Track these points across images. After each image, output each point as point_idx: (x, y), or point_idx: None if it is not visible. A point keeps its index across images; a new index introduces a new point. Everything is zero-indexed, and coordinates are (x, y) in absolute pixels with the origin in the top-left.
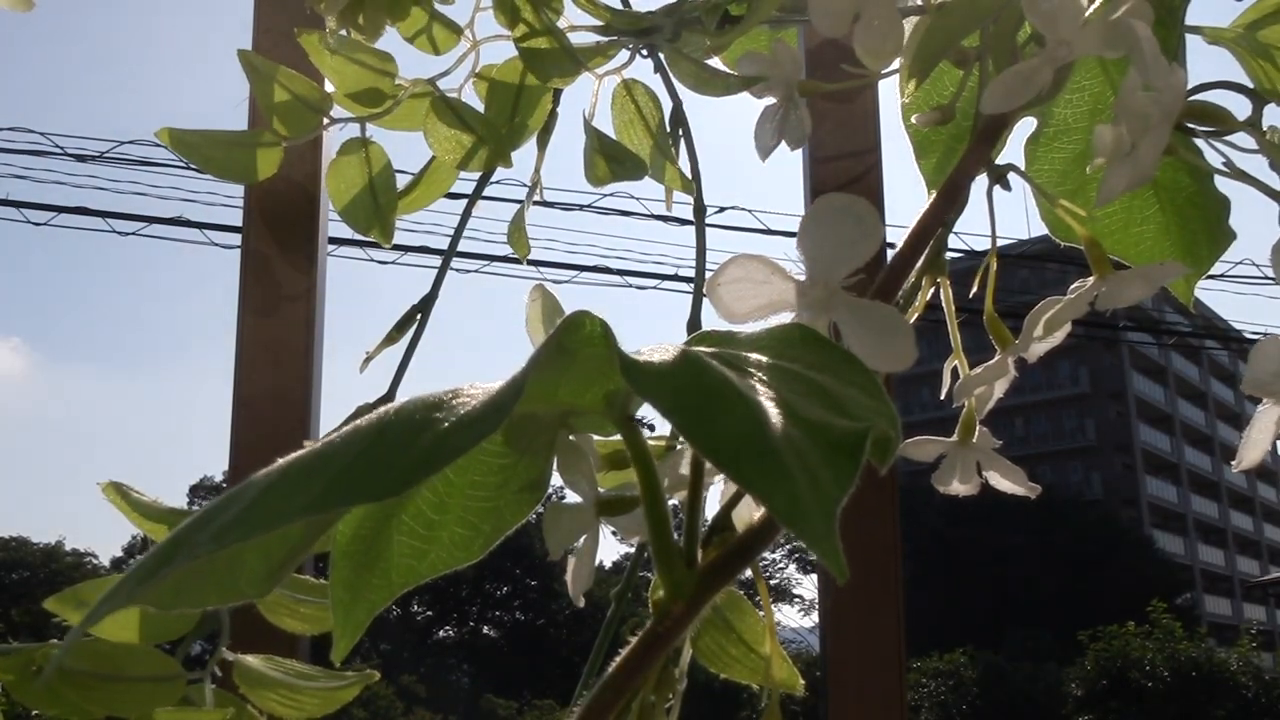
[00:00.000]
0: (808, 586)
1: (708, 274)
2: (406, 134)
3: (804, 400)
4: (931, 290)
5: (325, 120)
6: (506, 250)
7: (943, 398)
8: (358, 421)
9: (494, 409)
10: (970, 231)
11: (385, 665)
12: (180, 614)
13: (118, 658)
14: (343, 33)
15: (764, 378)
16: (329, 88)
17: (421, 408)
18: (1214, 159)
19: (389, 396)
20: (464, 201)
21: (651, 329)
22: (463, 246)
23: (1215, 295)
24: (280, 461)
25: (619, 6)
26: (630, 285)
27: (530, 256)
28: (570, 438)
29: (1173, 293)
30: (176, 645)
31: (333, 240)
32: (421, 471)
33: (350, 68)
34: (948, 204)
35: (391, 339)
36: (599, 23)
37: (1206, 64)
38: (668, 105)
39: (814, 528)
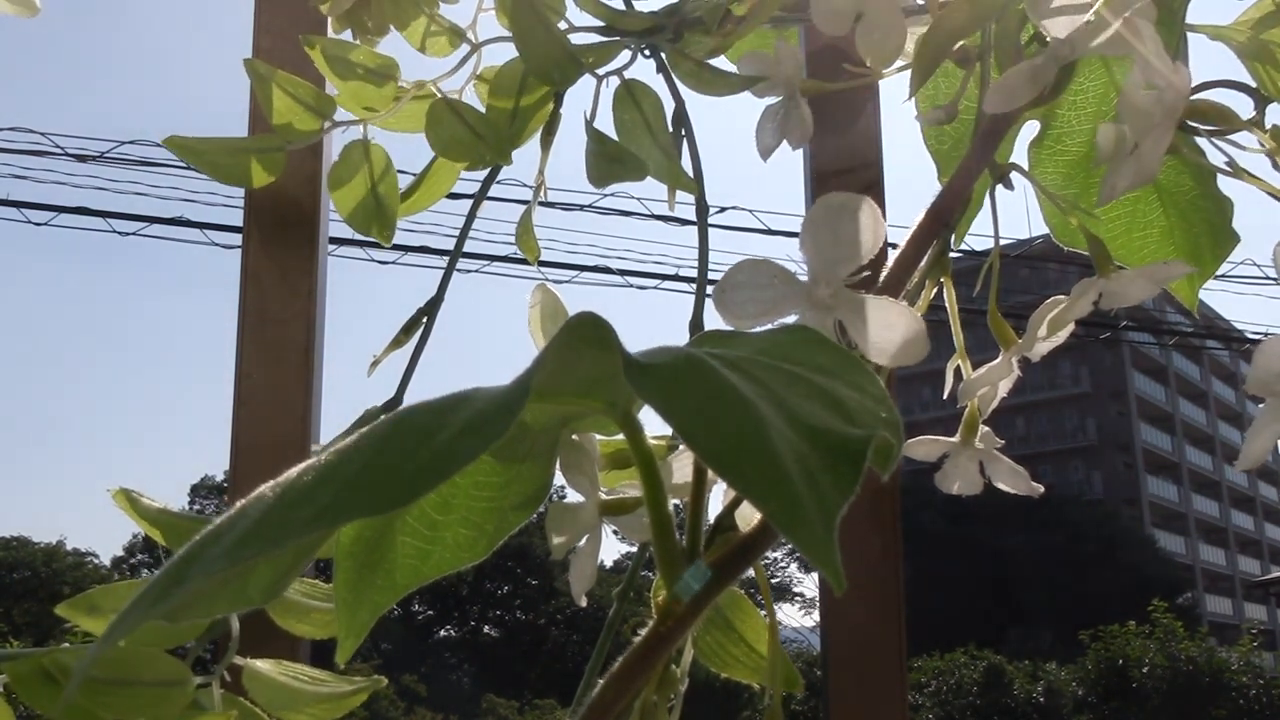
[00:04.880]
0: (809, 585)
1: (710, 274)
2: (408, 135)
3: (807, 403)
4: (935, 290)
5: (327, 123)
6: (507, 250)
7: (945, 398)
8: (364, 429)
9: (501, 412)
10: (972, 231)
11: (386, 665)
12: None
13: (127, 662)
14: (346, 34)
15: (767, 381)
16: (330, 89)
17: (427, 414)
18: (1216, 158)
19: (397, 399)
20: (465, 202)
21: (652, 329)
22: (464, 246)
23: (1216, 295)
24: (288, 472)
25: (620, 7)
26: (631, 285)
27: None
28: (574, 437)
29: (1176, 297)
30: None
31: (333, 240)
32: (429, 480)
33: (352, 70)
34: (951, 204)
35: (399, 342)
36: (600, 23)
37: (1209, 63)
38: (669, 105)
39: (813, 536)
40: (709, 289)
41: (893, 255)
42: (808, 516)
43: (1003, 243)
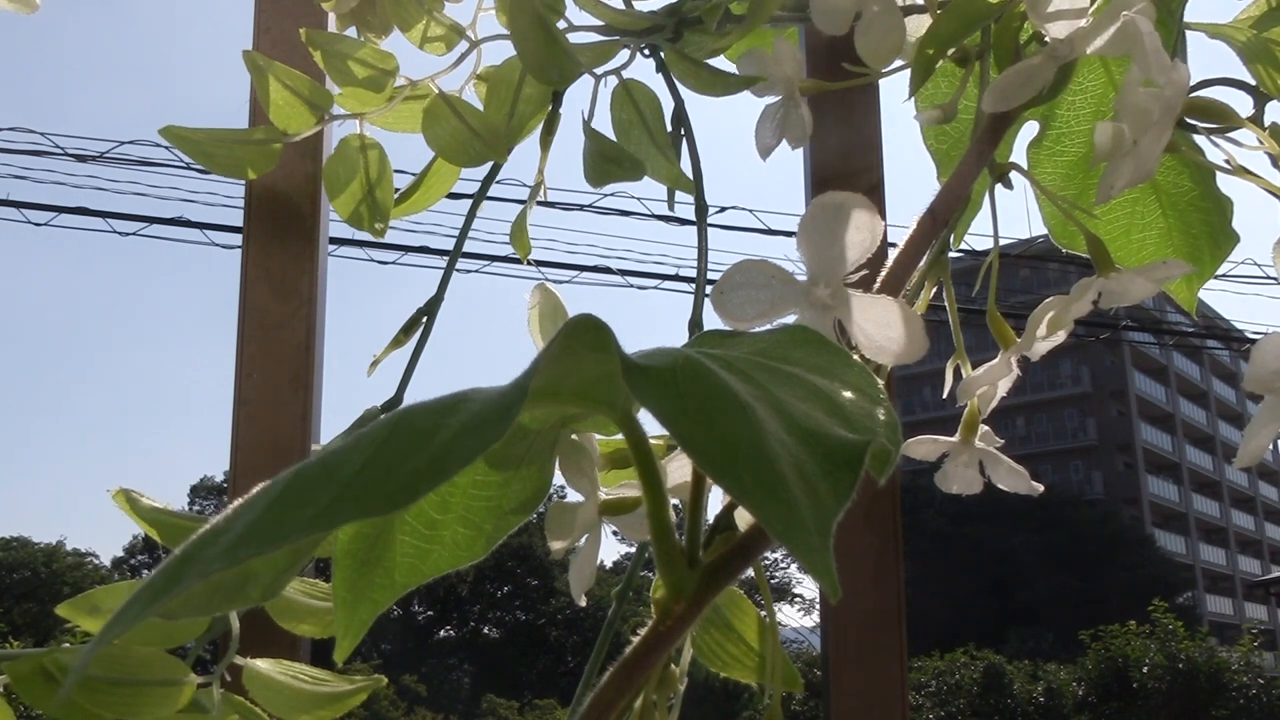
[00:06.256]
0: (809, 586)
1: (709, 274)
2: (407, 136)
3: (805, 406)
4: (934, 290)
5: (325, 117)
6: (506, 250)
7: (945, 397)
8: (362, 430)
9: (499, 414)
10: (972, 231)
11: (386, 665)
12: (190, 619)
13: (127, 662)
14: (348, 31)
15: (765, 382)
16: (331, 85)
17: (425, 414)
18: (1216, 157)
19: (396, 399)
20: (464, 202)
21: (652, 329)
22: (463, 246)
23: (1217, 295)
24: (286, 472)
25: (620, 6)
26: (631, 285)
27: (531, 256)
28: (574, 438)
29: (1175, 299)
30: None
31: (333, 240)
32: (428, 481)
33: (351, 66)
34: (949, 204)
35: (399, 341)
36: (600, 22)
37: (1209, 62)
38: (669, 105)
39: (808, 544)
40: (709, 289)
41: (892, 255)
42: (803, 523)
43: (1003, 243)
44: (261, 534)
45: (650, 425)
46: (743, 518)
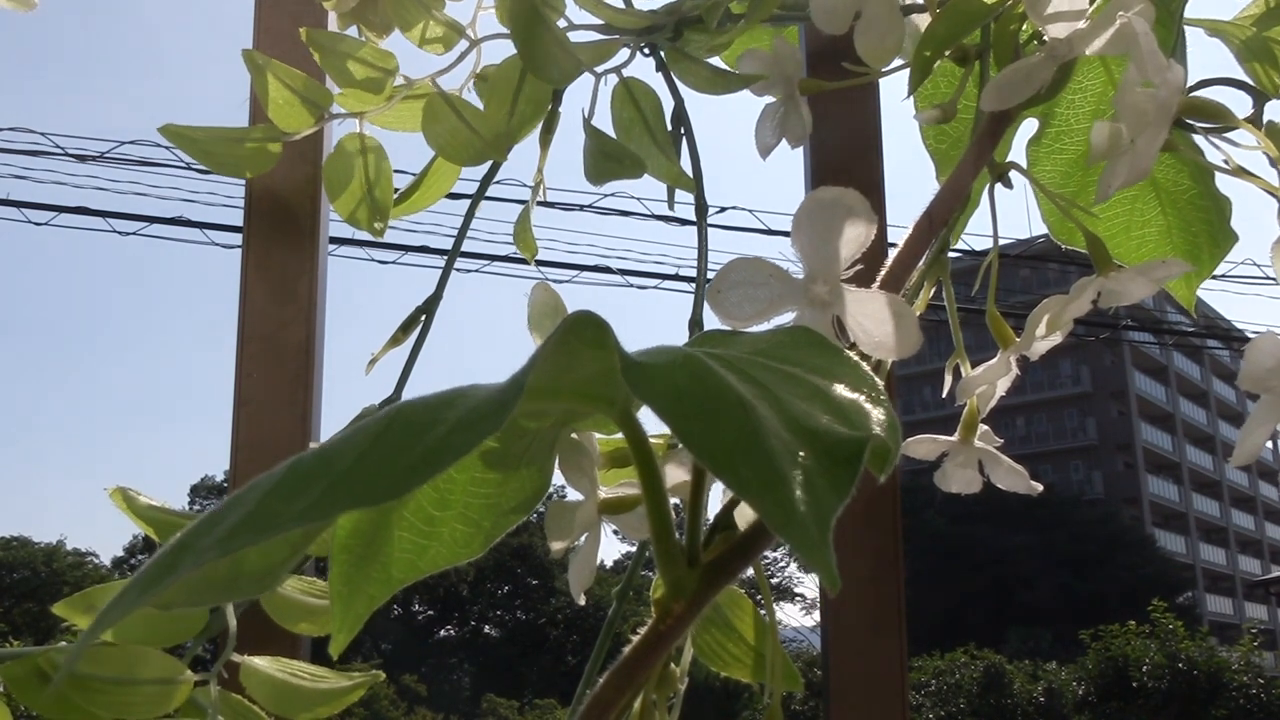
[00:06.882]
0: (809, 585)
1: (709, 274)
2: (407, 136)
3: (804, 405)
4: (933, 289)
5: (325, 116)
6: (506, 250)
7: (945, 396)
8: (360, 423)
9: (496, 408)
10: (971, 231)
11: (386, 665)
12: (187, 616)
13: (124, 661)
14: (349, 30)
15: (765, 381)
16: (330, 84)
17: (423, 409)
18: (1214, 157)
19: (395, 398)
20: (464, 202)
21: (652, 329)
22: (463, 246)
23: (1217, 295)
24: (282, 464)
25: (620, 5)
26: (631, 285)
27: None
28: (573, 436)
29: (1174, 297)
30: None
31: (333, 240)
32: (422, 474)
33: (351, 65)
34: (949, 203)
35: (397, 340)
36: (600, 21)
37: (1208, 62)
38: (669, 104)
39: (808, 538)
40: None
41: (892, 255)
42: (803, 518)
43: (1003, 243)
44: (255, 524)
45: (650, 424)
46: (742, 516)
